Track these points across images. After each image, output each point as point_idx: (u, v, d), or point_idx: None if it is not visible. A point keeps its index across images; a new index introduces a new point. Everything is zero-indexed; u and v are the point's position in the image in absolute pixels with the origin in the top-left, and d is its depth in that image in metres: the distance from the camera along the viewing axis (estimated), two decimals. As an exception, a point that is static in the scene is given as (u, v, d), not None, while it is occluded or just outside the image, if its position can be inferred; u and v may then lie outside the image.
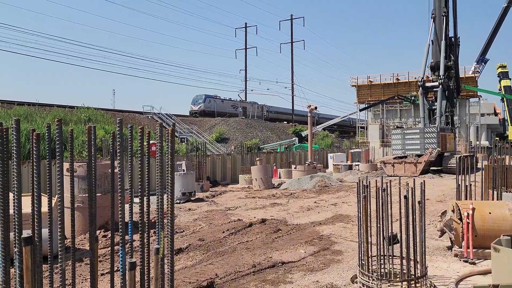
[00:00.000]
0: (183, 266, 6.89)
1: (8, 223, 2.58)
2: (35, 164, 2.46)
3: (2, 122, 2.59)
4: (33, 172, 2.62)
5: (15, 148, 2.43)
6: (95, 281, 2.74)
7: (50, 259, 2.89)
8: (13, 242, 2.69)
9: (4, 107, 23.28)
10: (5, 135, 2.54)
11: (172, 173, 2.92)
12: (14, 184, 2.51)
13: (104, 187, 9.30)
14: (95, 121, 24.82)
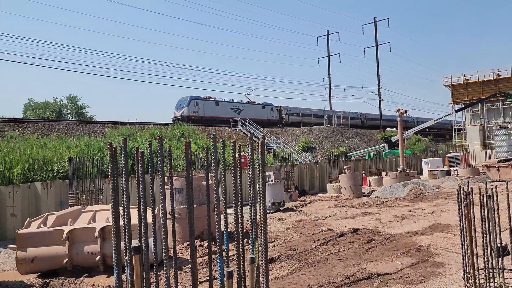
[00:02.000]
0: (276, 276, 6.95)
1: (119, 233, 2.83)
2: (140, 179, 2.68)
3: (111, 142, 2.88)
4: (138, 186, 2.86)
5: (123, 164, 2.68)
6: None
7: (155, 267, 3.11)
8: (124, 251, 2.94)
9: (110, 127, 25.65)
10: (114, 154, 2.81)
11: (263, 184, 3.00)
12: (123, 197, 2.77)
13: (199, 199, 9.77)
14: (188, 136, 26.27)
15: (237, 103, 42.79)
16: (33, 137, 19.29)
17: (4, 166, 14.11)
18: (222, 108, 40.49)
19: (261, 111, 44.11)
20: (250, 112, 42.43)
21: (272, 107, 45.95)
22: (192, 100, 38.40)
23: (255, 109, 43.62)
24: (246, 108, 42.73)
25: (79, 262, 7.88)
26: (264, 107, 44.91)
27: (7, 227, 12.02)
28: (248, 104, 44.15)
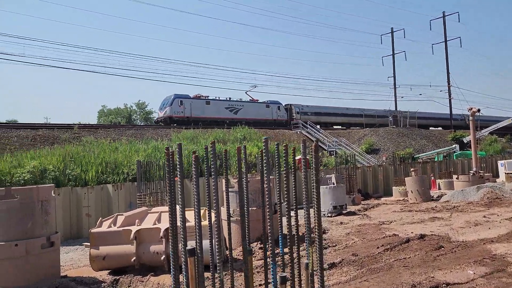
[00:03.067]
0: (337, 281, 6.79)
1: (176, 235, 2.92)
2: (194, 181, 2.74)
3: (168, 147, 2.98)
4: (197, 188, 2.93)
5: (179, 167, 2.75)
6: (250, 292, 2.89)
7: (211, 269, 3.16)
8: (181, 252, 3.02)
9: (175, 131, 26.66)
10: (171, 158, 2.90)
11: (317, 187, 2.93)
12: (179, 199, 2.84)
13: (259, 201, 9.83)
14: (249, 139, 26.60)
15: (234, 101, 37.97)
16: (105, 141, 20.56)
17: (81, 169, 15.15)
18: (214, 108, 35.79)
19: (264, 111, 39.62)
20: (251, 111, 38.22)
21: (279, 105, 41.16)
22: (176, 98, 34.18)
23: (256, 108, 39.10)
24: (245, 107, 38.18)
25: (145, 261, 8.23)
26: (269, 105, 40.17)
27: (83, 226, 12.89)
28: (248, 102, 39.53)
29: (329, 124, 43.30)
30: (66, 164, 15.25)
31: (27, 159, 15.54)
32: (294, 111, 41.64)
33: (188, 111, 34.05)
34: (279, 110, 40.75)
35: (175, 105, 33.72)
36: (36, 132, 20.88)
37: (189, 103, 34.39)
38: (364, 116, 47.94)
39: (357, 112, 48.26)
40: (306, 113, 42.13)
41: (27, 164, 14.50)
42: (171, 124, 32.21)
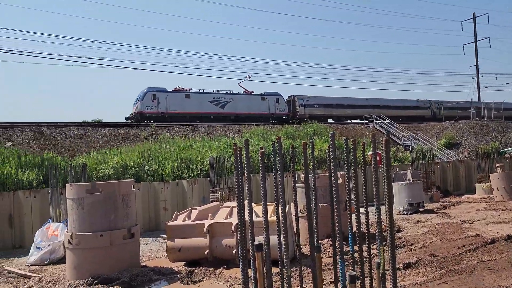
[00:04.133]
0: (413, 282, 6.48)
1: (245, 230, 2.95)
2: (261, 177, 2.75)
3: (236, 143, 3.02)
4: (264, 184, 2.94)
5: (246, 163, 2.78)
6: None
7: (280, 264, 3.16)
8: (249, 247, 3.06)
9: (246, 127, 27.12)
10: (239, 154, 2.94)
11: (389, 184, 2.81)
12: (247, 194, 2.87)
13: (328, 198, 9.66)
14: (319, 135, 26.28)
15: (220, 94, 33.71)
16: (180, 138, 21.47)
17: (158, 165, 15.97)
18: (195, 102, 31.82)
19: (258, 104, 35.01)
20: (241, 105, 33.97)
21: (278, 97, 36.25)
22: (148, 92, 30.59)
23: (249, 101, 34.58)
24: (235, 100, 33.84)
25: (218, 254, 8.48)
26: (265, 97, 35.42)
27: (160, 219, 13.59)
28: (238, 95, 34.87)
29: (343, 117, 38.36)
30: (145, 160, 16.16)
31: (111, 155, 16.69)
32: (297, 103, 36.93)
33: (163, 106, 30.52)
34: (278, 103, 35.98)
35: (147, 99, 30.32)
36: (118, 130, 22.37)
37: (165, 97, 30.74)
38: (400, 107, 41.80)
39: (380, 103, 41.01)
40: (313, 105, 37.38)
41: (111, 161, 15.58)
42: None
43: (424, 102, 44.40)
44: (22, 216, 11.85)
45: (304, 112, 36.63)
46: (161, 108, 30.43)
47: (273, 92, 36.42)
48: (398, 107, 42.12)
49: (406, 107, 42.81)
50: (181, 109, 31.17)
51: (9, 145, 17.74)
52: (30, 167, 14.24)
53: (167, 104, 30.62)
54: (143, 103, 30.14)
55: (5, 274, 9.12)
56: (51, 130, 20.53)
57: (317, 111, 37.14)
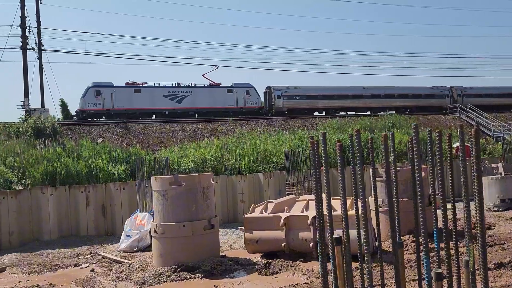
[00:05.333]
0: (506, 284, 6.00)
1: (323, 223, 2.94)
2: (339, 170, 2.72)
3: (313, 136, 3.01)
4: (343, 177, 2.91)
5: (324, 156, 2.76)
6: (400, 287, 2.75)
7: (359, 259, 3.10)
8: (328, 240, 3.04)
9: (321, 121, 26.84)
10: (316, 147, 2.93)
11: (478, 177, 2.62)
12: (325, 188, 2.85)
13: (410, 192, 9.25)
14: (398, 127, 25.19)
15: (177, 87, 30.43)
16: (256, 132, 21.83)
17: (235, 159, 16.40)
18: (146, 97, 28.84)
19: (224, 97, 31.12)
20: (202, 98, 30.36)
21: (249, 88, 32.00)
22: (90, 88, 28.13)
23: (211, 94, 30.85)
24: (194, 94, 30.31)
25: (294, 247, 8.53)
26: (232, 89, 31.40)
27: (238, 211, 13.97)
28: (198, 87, 31.12)
29: (332, 109, 33.43)
30: (222, 154, 16.68)
31: (191, 150, 17.46)
32: (273, 95, 32.36)
33: (108, 103, 27.95)
34: (248, 95, 31.76)
35: (89, 96, 27.96)
36: (197, 125, 23.33)
37: (110, 92, 28.06)
38: (407, 96, 35.70)
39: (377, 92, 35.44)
40: (292, 97, 32.78)
41: (191, 154, 16.29)
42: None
43: (441, 89, 38.04)
44: (113, 206, 12.86)
45: (281, 105, 32.32)
46: (106, 105, 27.97)
47: (243, 83, 32.40)
48: (404, 96, 36.36)
49: (416, 95, 36.78)
50: (130, 105, 28.53)
51: (101, 140, 19.30)
52: (119, 161, 15.36)
53: (113, 101, 28.06)
54: (85, 100, 27.94)
55: (100, 259, 9.98)
56: (136, 127, 21.97)
57: (297, 103, 32.74)
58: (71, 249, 11.18)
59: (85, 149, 15.90)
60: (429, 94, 37.22)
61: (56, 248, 11.29)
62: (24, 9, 23.57)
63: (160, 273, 7.79)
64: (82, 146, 16.40)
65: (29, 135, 17.46)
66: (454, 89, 38.08)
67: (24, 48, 23.80)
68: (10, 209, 11.81)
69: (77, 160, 14.63)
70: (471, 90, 38.42)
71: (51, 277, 8.56)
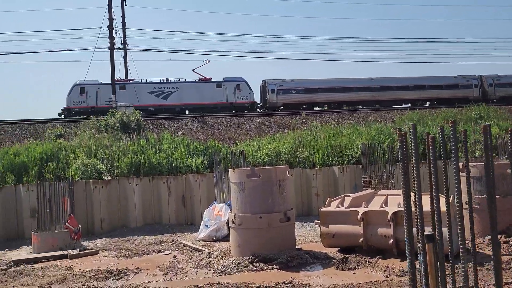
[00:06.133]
0: None
1: (411, 219, 2.81)
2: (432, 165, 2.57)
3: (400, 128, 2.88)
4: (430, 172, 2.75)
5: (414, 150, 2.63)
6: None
7: (451, 258, 2.93)
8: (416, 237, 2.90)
9: (399, 113, 25.71)
10: (404, 140, 2.80)
11: None
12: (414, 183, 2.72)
13: (502, 189, 8.56)
14: (487, 118, 23.33)
15: (163, 83, 29.97)
16: (330, 125, 21.49)
17: (309, 152, 16.29)
18: (131, 94, 28.09)
19: (212, 92, 29.93)
20: (190, 94, 29.30)
21: (239, 83, 30.61)
22: (75, 86, 28.57)
23: (199, 90, 29.78)
24: (182, 89, 29.54)
25: (373, 243, 8.29)
26: (221, 84, 30.22)
27: (312, 204, 13.89)
28: (186, 83, 30.25)
29: (333, 103, 31.24)
30: (296, 147, 16.64)
31: (265, 143, 17.64)
32: (268, 89, 30.82)
33: (93, 100, 28.30)
34: (239, 90, 30.43)
35: (74, 94, 28.53)
36: (271, 119, 23.50)
37: (94, 90, 28.47)
38: (424, 87, 32.15)
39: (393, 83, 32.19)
40: (288, 90, 31.01)
41: (265, 148, 16.47)
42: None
43: (467, 79, 34.10)
44: (192, 197, 13.43)
45: (276, 100, 30.82)
46: (91, 103, 28.42)
47: (234, 77, 31.32)
48: (420, 87, 32.98)
49: (435, 86, 33.16)
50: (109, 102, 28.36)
51: (180, 134, 20.20)
52: (197, 154, 15.97)
53: (98, 98, 28.34)
54: (70, 98, 28.55)
55: (181, 247, 10.50)
56: (213, 120, 22.67)
57: (294, 97, 31.03)
58: (155, 236, 11.89)
59: (166, 142, 16.73)
60: (451, 84, 33.45)
61: (141, 235, 12.07)
62: (111, 12, 25.37)
63: (238, 263, 8.00)
64: (163, 139, 17.28)
65: (116, 129, 18.75)
66: (484, 78, 34.11)
67: (111, 48, 25.57)
68: (101, 197, 12.84)
69: (158, 152, 15.46)
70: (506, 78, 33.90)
71: (137, 262, 9.17)
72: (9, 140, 18.31)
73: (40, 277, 8.09)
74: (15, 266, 9.15)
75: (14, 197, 12.52)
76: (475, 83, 33.81)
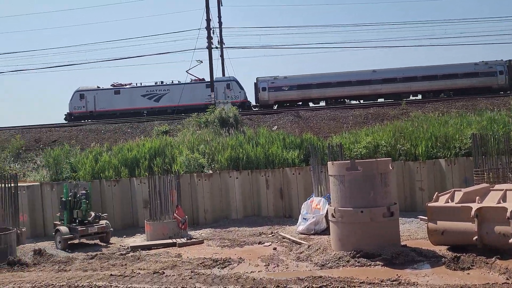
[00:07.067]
0: None
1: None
2: None
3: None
4: None
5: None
6: None
7: None
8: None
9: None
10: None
11: None
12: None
13: None
14: None
15: (155, 86, 30.52)
16: (433, 115, 20.06)
17: (410, 144, 15.41)
18: (125, 97, 29.89)
19: (202, 92, 29.70)
20: (181, 95, 28.95)
21: (229, 82, 30.29)
22: (76, 92, 30.36)
23: (189, 91, 29.69)
24: (173, 91, 29.80)
25: (489, 242, 7.58)
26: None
27: (416, 199, 13.14)
28: (176, 85, 30.24)
29: (329, 99, 29.34)
30: (396, 139, 15.83)
31: (362, 135, 17.08)
32: (259, 87, 29.91)
33: (91, 105, 30.17)
34: (229, 89, 30.27)
35: (74, 100, 30.42)
36: (368, 110, 22.64)
37: (93, 95, 30.26)
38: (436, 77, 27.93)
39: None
40: (280, 87, 29.56)
41: (363, 140, 15.94)
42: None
43: (491, 65, 28.75)
44: (290, 190, 13.53)
45: (268, 98, 29.74)
46: (89, 107, 30.32)
47: (225, 77, 31.58)
48: (431, 77, 29.13)
49: (449, 75, 28.93)
50: (110, 106, 30.22)
51: (275, 128, 20.44)
52: (293, 147, 16.02)
53: (96, 103, 30.30)
54: (71, 104, 30.57)
55: (280, 239, 10.64)
56: (308, 114, 22.55)
57: (286, 94, 29.66)
58: (254, 228, 12.22)
59: (262, 137, 17.06)
60: (470, 72, 29.17)
61: (242, 226, 12.49)
62: (209, 13, 26.46)
63: (339, 257, 7.88)
64: (259, 133, 17.64)
65: (216, 125, 19.60)
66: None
67: (209, 48, 26.71)
68: (204, 190, 13.56)
69: (255, 146, 15.83)
70: None
71: (239, 252, 9.51)
72: (123, 137, 20.15)
73: (153, 263, 8.79)
74: (132, 252, 10.07)
75: (129, 189, 13.77)
76: (500, 69, 29.29)
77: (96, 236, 11.31)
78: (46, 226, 13.16)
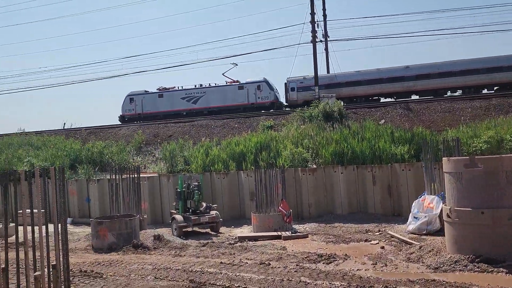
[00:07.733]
0: None
1: None
2: None
3: None
4: None
5: None
6: None
7: None
8: None
9: None
10: None
11: None
12: None
13: None
14: None
15: (193, 89, 32.28)
16: None
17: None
18: (167, 100, 32.30)
19: (235, 94, 31.09)
20: (215, 97, 31.18)
21: (260, 83, 30.89)
22: (126, 97, 33.32)
23: (223, 93, 31.25)
24: (208, 94, 31.53)
25: None
26: (243, 86, 31.15)
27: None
28: (211, 88, 31.88)
29: (358, 98, 29.16)
30: (522, 133, 14.09)
31: (482, 129, 15.52)
32: (288, 87, 30.54)
33: (139, 108, 32.93)
34: (260, 90, 30.86)
35: (125, 103, 33.33)
36: (489, 102, 20.47)
37: (141, 99, 33.04)
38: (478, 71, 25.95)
39: None
40: (309, 87, 28.73)
41: (483, 134, 14.49)
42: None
43: None
44: (399, 187, 12.86)
45: (296, 98, 30.02)
46: (138, 110, 33.00)
47: (257, 79, 31.79)
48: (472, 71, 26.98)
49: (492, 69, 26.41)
50: (155, 109, 32.51)
51: (383, 122, 19.56)
52: (402, 142, 15.19)
53: (143, 106, 32.91)
54: (123, 107, 33.40)
55: (388, 238, 10.19)
56: (419, 106, 21.17)
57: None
58: (360, 225, 11.88)
59: (368, 131, 16.48)
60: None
61: (347, 223, 12.24)
62: (313, 6, 26.22)
63: (455, 261, 7.29)
64: (366, 128, 17.06)
65: (319, 119, 19.43)
66: None
67: (313, 41, 26.45)
68: (308, 184, 13.55)
69: (361, 141, 15.34)
70: None
71: (345, 248, 9.33)
72: (230, 132, 21.07)
73: (260, 254, 9.06)
74: (240, 242, 10.49)
75: (236, 182, 14.36)
76: None
77: (207, 225, 12.02)
78: (163, 214, 14.40)
